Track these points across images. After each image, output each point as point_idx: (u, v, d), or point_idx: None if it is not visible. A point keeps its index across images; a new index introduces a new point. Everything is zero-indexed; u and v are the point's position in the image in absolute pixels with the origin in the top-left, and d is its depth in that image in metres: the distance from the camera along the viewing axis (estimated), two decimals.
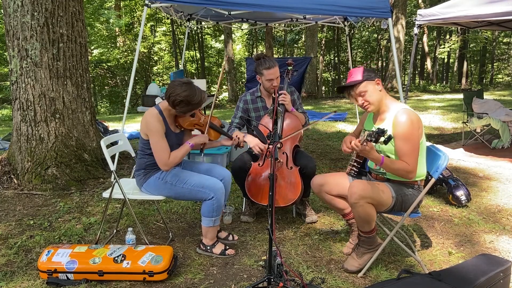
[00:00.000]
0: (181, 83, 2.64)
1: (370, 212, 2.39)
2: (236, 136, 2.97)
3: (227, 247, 2.84)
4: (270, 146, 2.37)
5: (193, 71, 23.91)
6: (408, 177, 2.37)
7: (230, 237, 2.95)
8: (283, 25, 7.04)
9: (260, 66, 3.22)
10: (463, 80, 22.73)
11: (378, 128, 2.06)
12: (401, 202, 2.46)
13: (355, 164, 2.63)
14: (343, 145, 2.54)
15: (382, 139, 2.08)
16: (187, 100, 2.60)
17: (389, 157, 2.43)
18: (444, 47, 23.14)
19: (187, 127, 2.80)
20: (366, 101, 2.44)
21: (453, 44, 22.21)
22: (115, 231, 3.16)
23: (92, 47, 18.31)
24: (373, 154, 2.22)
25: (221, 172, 2.90)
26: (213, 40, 25.02)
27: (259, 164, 3.22)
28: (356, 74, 2.45)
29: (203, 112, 6.42)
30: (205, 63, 23.56)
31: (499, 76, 26.84)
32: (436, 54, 24.90)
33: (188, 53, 22.71)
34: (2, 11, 5.00)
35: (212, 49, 25.27)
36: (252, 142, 3.09)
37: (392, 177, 2.49)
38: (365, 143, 2.14)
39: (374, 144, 2.21)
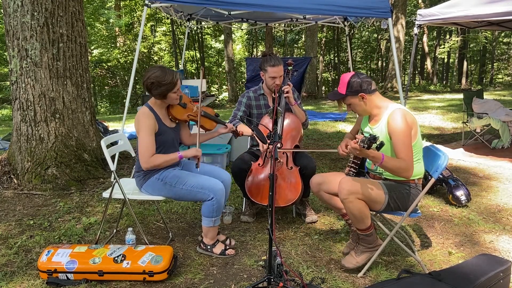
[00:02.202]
0: (152, 67, 2.67)
1: (362, 209, 2.39)
2: (233, 126, 2.98)
3: (227, 247, 2.84)
4: (270, 146, 2.37)
5: (193, 71, 23.91)
6: (406, 175, 2.36)
7: (228, 241, 2.92)
8: (283, 25, 7.05)
9: (265, 62, 3.23)
10: (463, 80, 22.73)
11: (370, 135, 2.09)
12: (396, 200, 2.46)
13: (353, 165, 2.64)
14: (339, 149, 2.60)
15: (374, 145, 2.12)
16: (157, 81, 2.60)
17: None
18: (444, 47, 23.14)
19: (180, 118, 2.79)
20: (353, 111, 2.53)
21: (453, 44, 22.22)
22: (115, 231, 3.16)
23: (92, 47, 18.31)
24: (372, 153, 2.22)
25: (221, 175, 2.88)
26: (213, 40, 25.02)
27: (259, 164, 3.22)
28: (342, 85, 2.47)
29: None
30: (205, 63, 23.55)
31: (499, 76, 26.84)
32: (436, 54, 24.90)
33: (188, 53, 22.72)
34: (2, 11, 5.00)
35: (212, 49, 25.26)
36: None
37: (390, 176, 2.50)
38: (361, 144, 2.15)
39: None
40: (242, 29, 19.77)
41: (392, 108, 2.42)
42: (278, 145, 2.37)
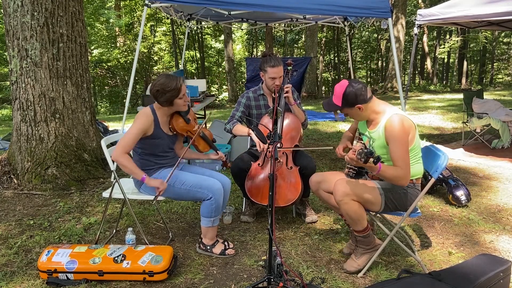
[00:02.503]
0: (159, 75, 2.71)
1: (357, 210, 2.40)
2: (224, 156, 3.04)
3: (227, 247, 2.84)
4: (270, 146, 2.37)
5: (193, 71, 23.91)
6: (402, 184, 2.36)
7: (226, 243, 2.90)
8: (283, 25, 7.05)
9: (265, 63, 3.23)
10: (463, 80, 22.73)
11: (367, 149, 2.11)
12: (393, 200, 2.46)
13: (352, 166, 2.64)
14: (336, 151, 2.64)
15: (371, 160, 2.12)
16: (162, 89, 2.61)
17: (382, 162, 2.43)
18: (444, 47, 23.14)
19: (179, 130, 2.80)
20: (351, 117, 2.53)
21: (453, 44, 22.22)
22: (115, 231, 3.16)
23: (92, 47, 18.30)
24: (368, 164, 2.21)
25: (220, 179, 2.87)
26: (213, 40, 25.02)
27: (258, 164, 3.22)
28: (337, 97, 2.41)
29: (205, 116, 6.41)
30: (205, 63, 23.55)
31: (499, 76, 26.83)
32: (436, 54, 24.90)
33: (188, 53, 22.72)
34: (2, 11, 5.00)
35: (212, 49, 25.26)
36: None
37: None
38: (358, 156, 2.15)
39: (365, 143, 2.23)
40: (242, 29, 19.77)
41: (389, 113, 2.40)
42: (278, 145, 2.37)
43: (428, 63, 24.49)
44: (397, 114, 2.38)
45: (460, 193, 3.67)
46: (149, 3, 4.33)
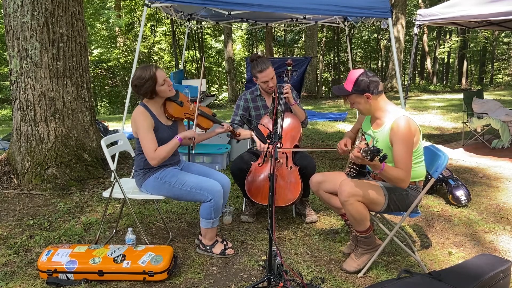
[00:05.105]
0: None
1: (362, 211, 2.39)
2: (231, 126, 2.97)
3: (227, 247, 2.84)
4: (270, 146, 2.37)
5: (193, 71, 23.90)
6: (402, 186, 2.36)
7: (225, 242, 2.90)
8: (283, 25, 7.04)
9: (253, 69, 3.23)
10: (463, 80, 22.73)
11: (374, 146, 2.09)
12: (396, 201, 2.46)
13: (353, 165, 2.63)
14: (338, 147, 2.64)
15: (377, 158, 2.10)
16: (138, 82, 2.63)
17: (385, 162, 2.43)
18: (444, 47, 23.14)
19: (176, 116, 2.79)
20: (356, 108, 2.52)
21: (453, 44, 22.22)
22: (115, 231, 3.16)
23: (92, 47, 18.29)
24: (373, 162, 2.20)
25: (219, 178, 2.86)
26: (213, 40, 25.02)
27: (258, 164, 3.22)
28: (349, 82, 2.44)
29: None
30: (205, 63, 23.54)
31: (499, 76, 26.83)
32: (436, 54, 24.90)
33: (188, 53, 22.71)
34: (2, 11, 5.00)
35: (212, 49, 25.27)
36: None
37: None
38: (364, 154, 2.14)
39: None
40: (242, 29, 19.77)
41: (396, 114, 2.40)
42: (278, 145, 2.37)
43: (428, 63, 24.49)
44: (405, 116, 2.37)
45: (460, 193, 3.67)
46: (149, 3, 4.33)
